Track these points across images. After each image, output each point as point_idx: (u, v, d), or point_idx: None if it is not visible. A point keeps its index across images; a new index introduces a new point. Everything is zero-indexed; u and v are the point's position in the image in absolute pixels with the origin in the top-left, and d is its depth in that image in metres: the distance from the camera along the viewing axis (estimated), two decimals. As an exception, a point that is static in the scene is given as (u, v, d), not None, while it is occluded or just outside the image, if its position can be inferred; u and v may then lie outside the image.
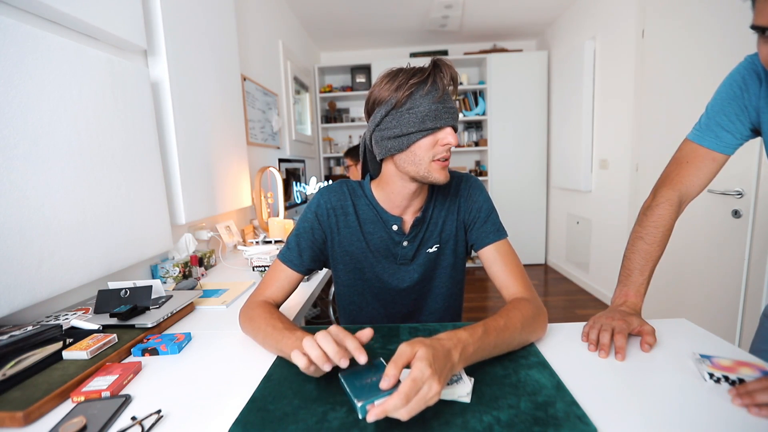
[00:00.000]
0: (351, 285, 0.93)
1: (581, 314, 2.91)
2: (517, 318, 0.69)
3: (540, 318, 0.74)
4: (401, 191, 0.84)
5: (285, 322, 0.72)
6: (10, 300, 0.79)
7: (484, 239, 0.87)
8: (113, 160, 1.09)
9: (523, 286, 0.81)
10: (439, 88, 0.74)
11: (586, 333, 0.74)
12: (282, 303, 0.87)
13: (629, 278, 0.83)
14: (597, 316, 0.78)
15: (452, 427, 0.50)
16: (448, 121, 0.75)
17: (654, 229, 0.85)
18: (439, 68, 0.75)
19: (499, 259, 0.85)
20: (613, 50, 2.86)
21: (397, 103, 0.75)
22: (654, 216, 0.86)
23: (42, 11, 0.94)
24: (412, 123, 0.74)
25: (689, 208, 0.92)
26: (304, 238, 0.88)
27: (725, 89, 0.82)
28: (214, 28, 1.75)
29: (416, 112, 0.74)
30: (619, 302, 0.82)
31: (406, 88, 0.74)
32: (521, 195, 4.18)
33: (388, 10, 3.36)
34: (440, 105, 0.74)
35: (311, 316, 2.60)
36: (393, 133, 0.76)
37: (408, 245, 0.88)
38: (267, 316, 0.75)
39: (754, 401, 0.51)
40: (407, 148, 0.77)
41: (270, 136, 2.63)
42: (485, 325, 0.63)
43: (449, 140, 0.75)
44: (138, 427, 0.52)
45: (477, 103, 4.23)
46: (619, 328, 0.71)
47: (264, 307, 0.79)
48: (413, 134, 0.75)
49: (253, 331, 0.76)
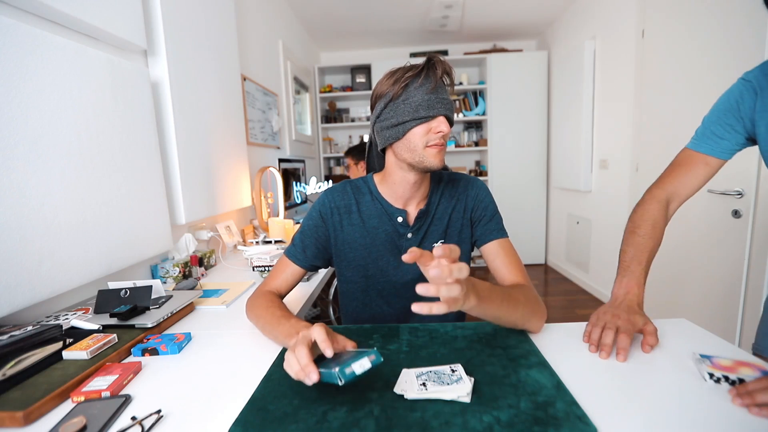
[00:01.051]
0: (355, 282, 0.94)
1: (581, 314, 2.91)
2: (518, 292, 0.75)
3: (539, 306, 0.78)
4: (402, 181, 0.87)
5: (283, 310, 0.79)
6: (10, 300, 0.79)
7: (487, 235, 0.91)
8: (113, 160, 1.09)
9: (522, 278, 0.86)
10: (432, 80, 0.79)
11: (588, 332, 0.74)
12: (285, 294, 0.93)
13: (628, 269, 0.84)
14: (601, 311, 0.77)
15: (452, 427, 0.50)
16: (440, 111, 0.79)
17: (643, 222, 0.88)
18: (433, 63, 0.80)
19: (501, 253, 0.89)
20: (613, 50, 2.86)
21: (394, 95, 0.80)
22: (642, 211, 0.90)
23: (42, 11, 0.94)
24: (407, 112, 0.79)
25: (689, 208, 0.93)
26: (308, 235, 0.92)
27: (722, 102, 0.86)
28: (214, 28, 1.75)
29: (410, 103, 0.79)
30: (620, 294, 0.81)
31: (402, 81, 0.80)
32: (521, 195, 4.17)
33: (388, 10, 3.36)
34: (433, 96, 0.79)
35: (311, 316, 2.60)
36: (390, 123, 0.82)
37: (412, 237, 0.90)
38: (268, 305, 0.82)
39: (754, 401, 0.51)
40: (403, 136, 0.81)
41: (270, 136, 2.63)
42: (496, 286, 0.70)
43: (442, 128, 0.79)
44: (138, 427, 0.52)
45: (477, 103, 4.23)
46: (623, 328, 0.70)
47: (267, 297, 0.86)
48: (408, 122, 0.80)
49: (255, 318, 0.83)
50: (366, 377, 0.62)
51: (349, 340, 0.64)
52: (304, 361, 0.56)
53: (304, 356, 0.56)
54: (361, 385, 0.59)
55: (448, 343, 0.73)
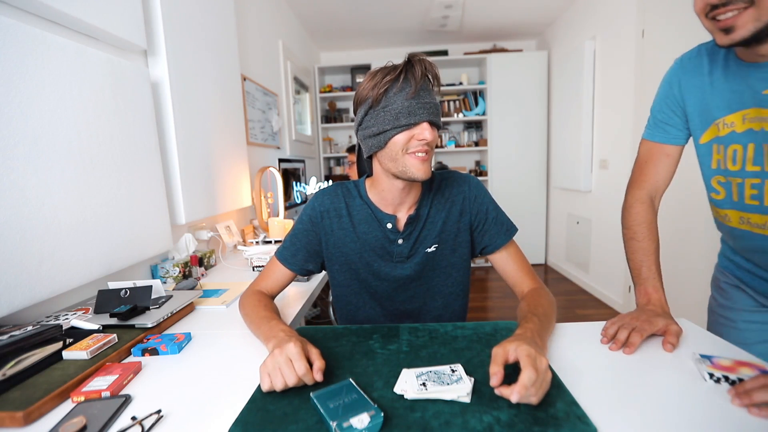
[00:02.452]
0: (347, 285, 0.94)
1: (581, 314, 2.91)
2: (540, 308, 0.78)
3: (552, 306, 0.81)
4: (390, 188, 0.85)
5: (268, 311, 0.80)
6: (10, 300, 0.79)
7: (494, 243, 0.91)
8: (113, 160, 1.09)
9: (532, 280, 0.89)
10: (411, 83, 0.74)
11: (607, 328, 0.75)
12: (275, 295, 0.95)
13: (640, 277, 0.87)
14: (623, 314, 0.79)
15: (452, 427, 0.50)
16: (423, 117, 0.75)
17: (638, 227, 0.91)
18: (412, 64, 0.75)
19: (511, 260, 0.91)
20: (613, 50, 2.86)
21: (374, 101, 0.76)
22: (632, 216, 0.92)
23: (42, 11, 0.94)
24: (387, 120, 0.75)
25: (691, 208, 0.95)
26: (299, 239, 0.92)
27: (661, 89, 0.90)
28: (214, 28, 1.75)
29: (390, 110, 0.75)
30: (643, 302, 0.84)
31: (381, 86, 0.75)
32: (521, 195, 4.17)
33: (388, 10, 3.36)
34: (414, 101, 0.74)
35: (311, 316, 2.60)
36: (372, 132, 0.78)
37: (403, 243, 0.89)
38: (256, 304, 0.83)
39: (752, 401, 0.51)
40: (385, 145, 0.78)
41: (270, 136, 2.63)
42: (533, 314, 0.73)
43: (425, 135, 0.75)
44: (138, 427, 0.52)
45: (477, 103, 4.23)
46: (639, 328, 0.72)
47: (256, 296, 0.87)
48: (389, 131, 0.76)
49: (244, 316, 0.84)
50: (366, 378, 0.62)
51: (314, 347, 0.64)
52: (302, 371, 0.58)
53: (302, 367, 0.59)
54: (361, 385, 0.59)
55: (448, 343, 0.73)
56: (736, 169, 0.77)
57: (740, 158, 0.76)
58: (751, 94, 0.72)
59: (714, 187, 0.85)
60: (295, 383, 0.58)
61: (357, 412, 0.50)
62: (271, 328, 0.71)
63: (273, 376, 0.58)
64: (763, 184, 0.74)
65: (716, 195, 0.85)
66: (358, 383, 0.58)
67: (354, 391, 0.56)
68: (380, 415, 0.50)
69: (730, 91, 0.76)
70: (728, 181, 0.80)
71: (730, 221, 0.84)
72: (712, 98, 0.79)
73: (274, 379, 0.58)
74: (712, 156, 0.82)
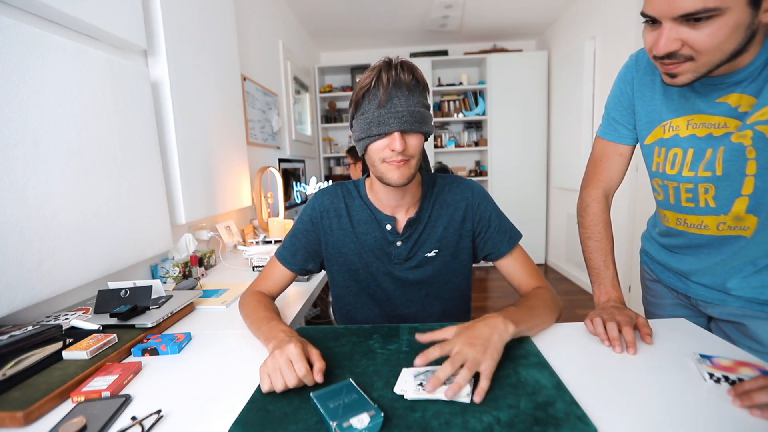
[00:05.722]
0: (346, 286, 0.94)
1: (581, 314, 2.91)
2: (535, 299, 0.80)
3: (555, 304, 0.82)
4: (382, 190, 0.86)
5: (268, 312, 0.80)
6: (10, 300, 0.79)
7: (499, 250, 0.91)
8: (113, 160, 1.09)
9: (538, 281, 0.89)
10: (380, 92, 0.74)
11: (599, 333, 0.73)
12: (276, 295, 0.94)
13: (600, 276, 0.89)
14: (594, 313, 0.77)
15: (452, 427, 0.50)
16: (393, 127, 0.74)
17: (595, 227, 0.92)
18: (381, 73, 0.74)
19: (516, 265, 0.91)
20: (613, 50, 2.86)
21: (355, 107, 0.79)
22: (590, 216, 0.94)
23: (42, 11, 0.94)
24: (362, 128, 0.77)
25: None
26: (299, 239, 0.92)
27: (615, 85, 0.90)
28: (214, 28, 1.75)
29: (365, 118, 0.76)
30: (602, 300, 0.86)
31: (358, 93, 0.77)
32: (521, 195, 4.17)
33: (388, 10, 3.36)
34: (384, 110, 0.74)
35: (311, 316, 2.60)
36: (356, 137, 0.81)
37: (402, 245, 0.88)
38: (255, 305, 0.83)
39: (753, 402, 0.51)
40: (365, 151, 0.80)
41: (270, 136, 2.63)
42: (515, 304, 0.75)
43: (394, 146, 0.74)
44: (138, 427, 0.52)
45: (477, 103, 4.23)
46: (624, 321, 0.72)
47: (256, 297, 0.87)
48: (364, 139, 0.78)
49: (244, 317, 0.84)
50: (366, 378, 0.62)
51: (314, 348, 0.64)
52: (302, 372, 0.58)
53: (302, 369, 0.58)
54: (362, 385, 0.59)
55: (448, 343, 0.73)
56: (674, 173, 0.80)
57: (679, 162, 0.78)
58: (700, 99, 0.74)
59: (655, 188, 0.88)
60: (296, 384, 0.58)
61: (357, 412, 0.50)
62: (271, 329, 0.71)
63: (273, 377, 0.58)
64: (697, 188, 0.77)
65: (657, 195, 0.88)
66: (358, 383, 0.58)
67: (354, 391, 0.56)
68: (380, 415, 0.50)
69: (679, 94, 0.77)
70: (665, 184, 0.83)
71: (669, 221, 0.87)
72: (662, 100, 0.80)
73: (274, 380, 0.58)
74: (653, 158, 0.84)
